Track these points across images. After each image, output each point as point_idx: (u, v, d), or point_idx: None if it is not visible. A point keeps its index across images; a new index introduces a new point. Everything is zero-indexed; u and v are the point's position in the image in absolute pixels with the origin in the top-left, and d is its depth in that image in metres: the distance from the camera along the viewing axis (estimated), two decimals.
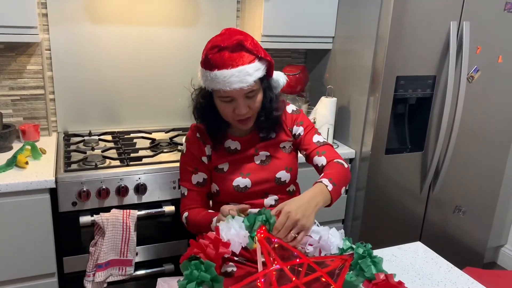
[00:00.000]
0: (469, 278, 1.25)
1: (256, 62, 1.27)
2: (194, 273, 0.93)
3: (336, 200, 1.29)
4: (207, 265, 0.95)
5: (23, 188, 1.60)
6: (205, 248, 1.00)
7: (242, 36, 1.27)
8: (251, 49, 1.27)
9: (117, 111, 2.26)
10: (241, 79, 1.24)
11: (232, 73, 1.23)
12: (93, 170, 1.73)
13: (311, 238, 1.15)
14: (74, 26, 2.07)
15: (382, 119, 2.05)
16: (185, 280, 0.93)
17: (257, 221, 1.09)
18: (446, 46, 2.06)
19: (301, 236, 1.13)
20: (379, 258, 1.10)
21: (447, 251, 1.80)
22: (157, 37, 2.23)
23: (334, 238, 1.15)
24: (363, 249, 1.11)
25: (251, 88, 1.28)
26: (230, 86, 1.24)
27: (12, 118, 2.08)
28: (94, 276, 1.71)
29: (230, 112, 1.33)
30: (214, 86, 1.28)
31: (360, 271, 1.09)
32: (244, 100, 1.30)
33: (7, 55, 1.99)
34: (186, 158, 1.47)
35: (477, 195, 2.42)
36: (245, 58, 1.25)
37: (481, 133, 2.31)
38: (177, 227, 1.89)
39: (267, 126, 1.43)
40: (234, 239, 1.05)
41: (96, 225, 1.71)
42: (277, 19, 2.15)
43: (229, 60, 1.24)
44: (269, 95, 1.38)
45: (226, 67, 1.23)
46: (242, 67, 1.24)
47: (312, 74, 2.52)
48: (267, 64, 1.32)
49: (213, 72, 1.25)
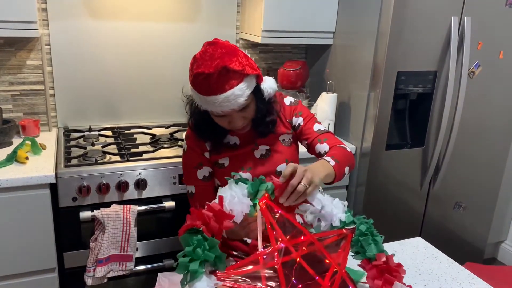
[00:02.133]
0: (470, 274, 1.25)
1: (244, 81, 1.23)
2: (198, 251, 0.88)
3: (339, 179, 1.29)
4: (211, 243, 0.90)
5: (23, 184, 1.60)
6: (209, 221, 0.95)
7: (226, 58, 1.19)
8: (238, 70, 1.20)
9: (117, 107, 2.26)
10: (232, 102, 1.22)
11: (222, 98, 1.21)
12: (93, 165, 1.73)
13: (312, 207, 1.11)
14: (73, 21, 2.06)
15: (382, 114, 2.04)
16: (187, 257, 0.88)
17: (261, 189, 1.06)
18: (447, 41, 2.05)
19: (311, 189, 1.09)
20: (379, 237, 1.08)
21: (447, 247, 1.79)
22: (157, 32, 2.22)
23: (337, 210, 1.11)
24: (366, 226, 1.08)
25: (244, 104, 1.27)
26: (222, 109, 1.25)
27: (12, 114, 2.08)
28: (94, 271, 1.71)
29: (226, 124, 1.34)
30: (206, 107, 1.27)
31: (361, 248, 1.07)
32: (238, 114, 1.30)
33: (6, 50, 1.99)
34: (188, 156, 1.46)
35: (477, 191, 2.42)
36: (232, 82, 1.20)
37: (481, 129, 2.30)
38: (177, 223, 1.89)
39: (263, 129, 1.42)
40: (237, 209, 1.01)
41: (96, 221, 1.71)
42: (277, 14, 2.14)
43: (216, 87, 1.20)
44: (261, 103, 1.35)
45: (215, 93, 1.20)
46: (231, 91, 1.20)
47: (312, 70, 2.51)
48: (256, 77, 1.29)
49: (203, 96, 1.24)
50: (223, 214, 0.98)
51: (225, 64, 1.18)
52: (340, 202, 1.13)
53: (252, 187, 1.06)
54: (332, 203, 1.11)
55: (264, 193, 1.06)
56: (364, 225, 1.07)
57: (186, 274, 0.87)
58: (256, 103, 1.33)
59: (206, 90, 1.21)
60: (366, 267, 1.06)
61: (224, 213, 0.98)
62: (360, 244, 1.07)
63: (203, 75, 1.19)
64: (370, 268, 1.05)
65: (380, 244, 1.07)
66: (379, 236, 1.08)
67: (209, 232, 0.94)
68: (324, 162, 1.26)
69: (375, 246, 1.06)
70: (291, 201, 1.08)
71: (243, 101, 1.24)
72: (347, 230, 1.07)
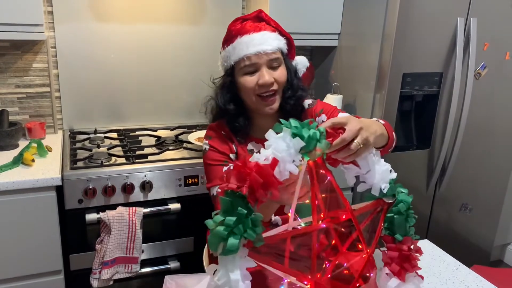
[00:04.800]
0: (477, 276, 1.24)
1: (277, 33, 1.33)
2: (240, 228, 0.76)
3: (391, 145, 1.18)
4: (255, 219, 0.78)
5: (29, 186, 1.61)
6: (256, 189, 0.78)
7: (263, 13, 1.35)
8: (272, 21, 1.34)
9: (122, 109, 2.26)
10: (264, 41, 1.27)
11: (255, 36, 1.28)
12: (99, 167, 1.74)
13: (358, 169, 0.99)
14: (79, 24, 2.07)
15: (388, 116, 2.03)
16: (225, 228, 0.76)
17: (318, 145, 0.85)
18: (453, 42, 2.04)
19: (363, 151, 0.95)
20: (413, 220, 1.00)
21: (453, 249, 1.78)
22: (162, 34, 2.23)
23: (382, 180, 1.00)
24: (407, 205, 0.99)
25: (275, 55, 1.29)
26: (254, 48, 1.26)
27: (18, 116, 2.08)
28: (100, 273, 1.71)
29: (254, 85, 1.29)
30: (237, 55, 1.28)
31: (391, 225, 1.00)
32: (267, 70, 1.29)
33: (13, 53, 2.00)
34: (210, 155, 1.36)
35: (483, 193, 2.41)
36: (267, 27, 1.32)
37: (488, 130, 2.29)
38: (182, 225, 1.89)
39: (291, 108, 1.36)
40: (288, 168, 0.81)
41: (102, 223, 1.71)
42: (282, 16, 2.14)
43: (252, 27, 1.30)
44: (293, 68, 1.38)
45: (248, 33, 1.28)
46: (264, 31, 1.29)
47: (317, 71, 2.51)
48: (287, 42, 1.36)
49: (235, 41, 1.29)
50: (274, 181, 0.80)
51: (260, 11, 1.33)
52: (388, 171, 1.02)
53: (309, 145, 0.84)
54: (381, 172, 1.00)
55: (320, 153, 0.86)
56: (404, 204, 0.99)
57: (219, 243, 0.77)
58: (287, 67, 1.35)
59: (241, 31, 1.29)
60: (388, 245, 1.01)
61: (275, 180, 0.80)
62: (392, 221, 1.00)
63: (241, 19, 1.33)
64: (391, 248, 1.00)
65: (410, 227, 1.01)
66: (413, 218, 1.01)
67: (252, 201, 0.79)
68: (375, 121, 1.11)
69: (405, 229, 1.00)
70: (339, 157, 0.94)
71: (275, 45, 1.29)
72: (384, 203, 1.00)
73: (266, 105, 1.31)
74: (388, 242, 1.01)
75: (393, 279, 1.00)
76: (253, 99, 1.31)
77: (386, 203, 1.01)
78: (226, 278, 0.77)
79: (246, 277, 0.79)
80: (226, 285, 0.77)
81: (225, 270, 0.78)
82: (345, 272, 0.95)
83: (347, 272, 0.95)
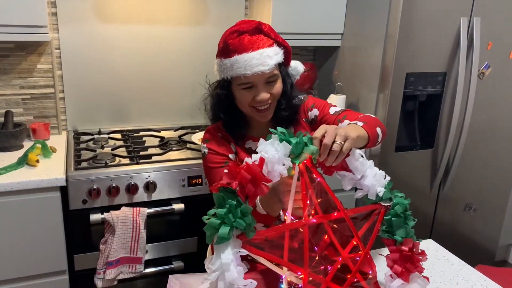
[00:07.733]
0: (482, 276, 1.24)
1: (275, 46, 1.28)
2: (230, 217, 0.85)
3: (373, 142, 1.20)
4: (244, 210, 0.86)
5: (34, 186, 1.61)
6: (245, 185, 0.88)
7: (259, 22, 1.28)
8: (269, 33, 1.28)
9: (126, 110, 2.27)
10: (262, 62, 1.23)
11: (253, 55, 1.23)
12: (103, 168, 1.74)
13: (352, 175, 1.04)
14: (83, 25, 2.07)
15: (391, 116, 2.03)
16: (218, 219, 0.85)
17: (305, 151, 0.95)
18: (456, 42, 2.04)
19: (348, 145, 0.99)
20: (411, 221, 1.03)
21: (457, 249, 1.78)
22: (166, 35, 2.23)
23: (377, 182, 1.03)
24: (403, 208, 1.02)
25: (272, 73, 1.26)
26: (252, 69, 1.23)
27: (23, 117, 2.09)
28: (104, 273, 1.72)
29: (250, 100, 1.29)
30: (234, 73, 1.26)
31: (390, 228, 1.02)
32: (264, 86, 1.28)
33: (17, 54, 2.01)
34: (210, 158, 1.37)
35: (487, 193, 2.40)
36: (264, 41, 1.26)
37: (492, 130, 2.28)
38: (186, 225, 1.90)
39: (286, 117, 1.38)
40: (276, 170, 0.90)
41: (106, 223, 1.71)
42: (285, 16, 2.14)
43: (249, 43, 1.24)
44: (289, 81, 1.36)
45: (247, 51, 1.23)
46: (262, 50, 1.24)
47: (321, 72, 2.51)
48: (285, 51, 1.32)
49: (233, 58, 1.24)
50: (261, 177, 0.89)
51: (258, 23, 1.27)
52: (382, 175, 1.06)
53: (296, 149, 0.94)
54: (374, 176, 1.04)
55: (307, 156, 0.94)
56: (400, 206, 1.02)
57: (213, 234, 0.86)
58: (284, 79, 1.34)
59: (238, 48, 1.24)
60: (390, 247, 1.03)
61: (262, 176, 0.89)
62: (390, 224, 1.02)
63: (238, 31, 1.25)
64: (393, 250, 1.02)
65: (410, 229, 1.03)
66: (412, 220, 1.03)
67: (243, 195, 0.89)
68: (352, 125, 1.16)
69: (404, 230, 1.01)
70: (330, 163, 1.00)
71: (273, 64, 1.25)
72: (381, 206, 1.02)
73: (260, 116, 1.34)
74: (389, 245, 1.03)
75: (396, 280, 1.00)
76: (248, 109, 1.33)
77: (383, 206, 1.03)
78: (219, 263, 0.84)
79: (240, 266, 0.85)
80: (219, 269, 0.83)
81: (218, 256, 0.84)
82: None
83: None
